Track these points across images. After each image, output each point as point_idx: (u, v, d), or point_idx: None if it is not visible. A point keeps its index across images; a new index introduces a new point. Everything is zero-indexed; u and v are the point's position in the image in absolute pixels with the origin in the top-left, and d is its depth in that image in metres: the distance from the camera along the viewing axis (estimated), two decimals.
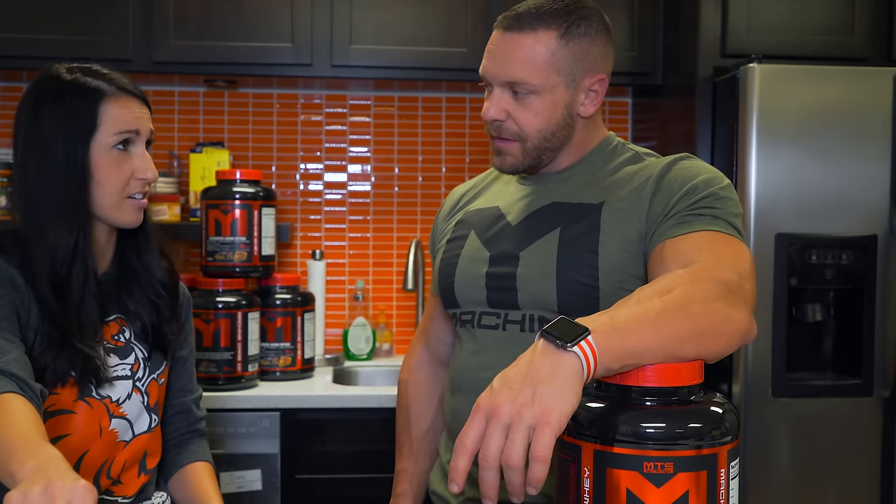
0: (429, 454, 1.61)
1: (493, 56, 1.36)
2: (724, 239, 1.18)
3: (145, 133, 1.40)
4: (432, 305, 1.63)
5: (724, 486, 0.86)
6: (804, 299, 2.34)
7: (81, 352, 1.32)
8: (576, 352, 0.85)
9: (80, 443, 1.35)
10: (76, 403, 1.35)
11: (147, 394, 1.45)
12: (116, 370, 1.40)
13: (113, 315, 1.43)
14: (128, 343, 1.44)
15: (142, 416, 1.44)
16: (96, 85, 1.38)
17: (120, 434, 1.41)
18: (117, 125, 1.36)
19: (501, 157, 1.39)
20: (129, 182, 1.37)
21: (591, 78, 1.37)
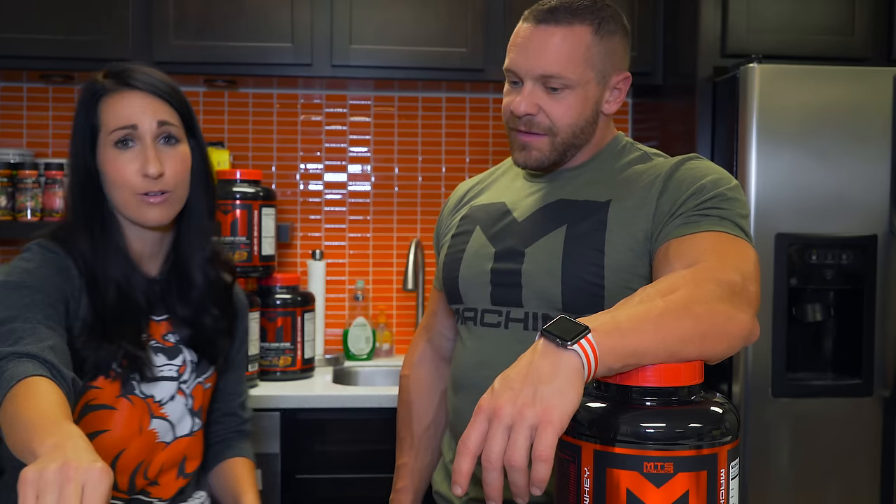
0: (430, 450, 1.61)
1: (524, 49, 1.34)
2: (729, 240, 1.18)
3: (147, 126, 1.33)
4: (435, 301, 1.63)
5: (724, 486, 0.86)
6: (804, 299, 2.34)
7: (124, 346, 1.32)
8: (576, 350, 0.85)
9: (119, 440, 1.35)
10: (118, 400, 1.34)
11: (192, 397, 1.43)
12: (163, 370, 1.39)
13: (164, 315, 1.42)
14: (177, 345, 1.42)
15: (184, 419, 1.42)
16: (98, 84, 1.35)
17: (160, 435, 1.39)
18: (111, 122, 1.33)
19: (526, 151, 1.37)
20: (139, 180, 1.33)
21: (618, 76, 1.38)
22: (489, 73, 2.71)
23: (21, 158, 2.78)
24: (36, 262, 1.29)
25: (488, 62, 2.70)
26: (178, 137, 1.36)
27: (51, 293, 1.25)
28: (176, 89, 1.38)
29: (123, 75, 1.35)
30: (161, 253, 1.42)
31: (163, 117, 1.34)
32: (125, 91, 1.34)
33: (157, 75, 1.37)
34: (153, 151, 1.32)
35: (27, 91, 2.95)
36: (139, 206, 1.33)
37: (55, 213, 2.69)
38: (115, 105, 1.33)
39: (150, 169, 1.31)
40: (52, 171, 2.69)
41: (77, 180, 1.36)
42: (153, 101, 1.34)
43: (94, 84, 1.36)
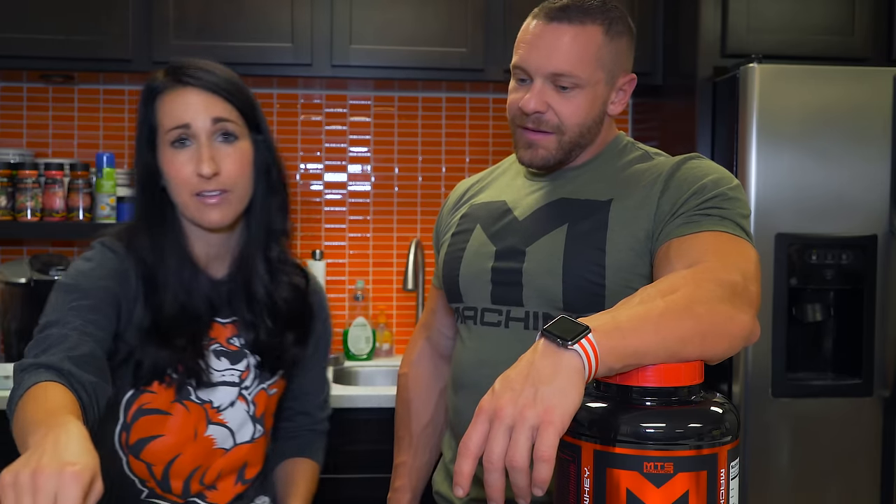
0: (428, 448, 1.61)
1: (534, 47, 1.34)
2: (730, 240, 1.18)
3: (201, 124, 1.28)
4: (434, 299, 1.63)
5: (724, 486, 0.86)
6: (804, 299, 2.34)
7: (180, 351, 1.29)
8: (577, 350, 0.85)
9: (172, 445, 1.32)
10: (173, 405, 1.32)
11: (254, 403, 1.38)
12: (224, 375, 1.35)
13: (231, 318, 1.38)
14: (242, 349, 1.38)
15: (245, 425, 1.38)
16: (156, 82, 1.31)
17: (218, 441, 1.35)
18: (167, 122, 1.29)
19: (533, 149, 1.37)
20: (195, 179, 1.28)
21: (624, 77, 1.39)
22: (489, 73, 2.71)
23: (21, 158, 2.78)
24: (93, 262, 1.28)
25: (488, 62, 2.70)
26: (237, 134, 1.30)
27: (99, 297, 1.23)
28: (235, 83, 1.32)
29: (178, 72, 1.30)
30: (228, 254, 1.38)
31: (218, 114, 1.29)
32: (179, 89, 1.29)
33: (214, 70, 1.31)
34: (208, 150, 1.27)
35: (27, 91, 2.95)
36: (198, 207, 1.29)
37: (55, 213, 2.69)
38: (170, 103, 1.29)
39: (203, 168, 1.26)
40: (52, 171, 2.69)
41: (139, 180, 1.33)
42: (208, 97, 1.29)
43: (152, 82, 1.32)
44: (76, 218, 2.71)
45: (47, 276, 2.66)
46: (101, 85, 2.95)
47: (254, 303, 1.37)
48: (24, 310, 2.64)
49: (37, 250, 2.91)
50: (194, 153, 1.27)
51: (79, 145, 2.97)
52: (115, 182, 2.75)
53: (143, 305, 1.29)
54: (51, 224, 2.69)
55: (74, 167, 2.72)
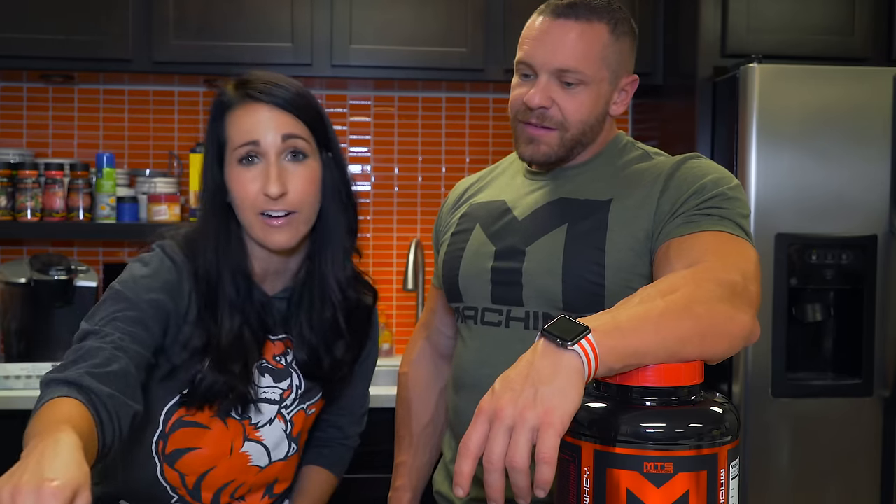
0: (428, 448, 1.61)
1: (540, 42, 1.33)
2: (730, 240, 1.18)
3: (271, 142, 1.24)
4: (434, 298, 1.63)
5: (724, 486, 0.86)
6: (804, 299, 2.34)
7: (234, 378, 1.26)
8: (576, 350, 0.85)
9: (208, 459, 1.31)
10: (212, 420, 1.30)
11: (292, 423, 1.37)
12: (266, 392, 1.33)
13: (280, 335, 1.35)
14: (287, 367, 1.35)
15: (282, 444, 1.36)
16: (225, 97, 1.28)
17: (253, 458, 1.34)
18: (236, 138, 1.25)
19: (534, 145, 1.37)
20: (261, 198, 1.24)
21: (627, 78, 1.39)
22: (489, 73, 2.71)
23: (21, 158, 2.78)
24: (149, 269, 1.24)
25: (488, 62, 2.70)
26: (306, 152, 1.27)
27: (147, 310, 1.20)
28: (306, 99, 1.28)
29: (248, 86, 1.26)
30: (286, 271, 1.35)
31: (288, 131, 1.25)
32: (249, 104, 1.25)
33: (284, 84, 1.27)
34: (276, 169, 1.23)
35: (27, 91, 2.95)
36: (263, 228, 1.25)
37: (55, 213, 2.69)
38: (239, 119, 1.25)
39: (270, 188, 1.22)
40: (52, 171, 2.69)
41: (206, 195, 1.30)
42: (278, 114, 1.25)
43: (222, 97, 1.28)
44: (76, 218, 2.71)
45: (47, 276, 2.66)
46: (101, 85, 2.95)
47: (320, 321, 1.34)
48: (24, 310, 2.64)
49: (37, 250, 2.91)
50: (262, 171, 1.24)
51: (79, 145, 2.97)
52: (114, 182, 2.75)
53: (195, 323, 1.26)
54: (51, 224, 2.69)
55: (74, 167, 2.72)
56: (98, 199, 2.74)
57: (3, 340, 2.73)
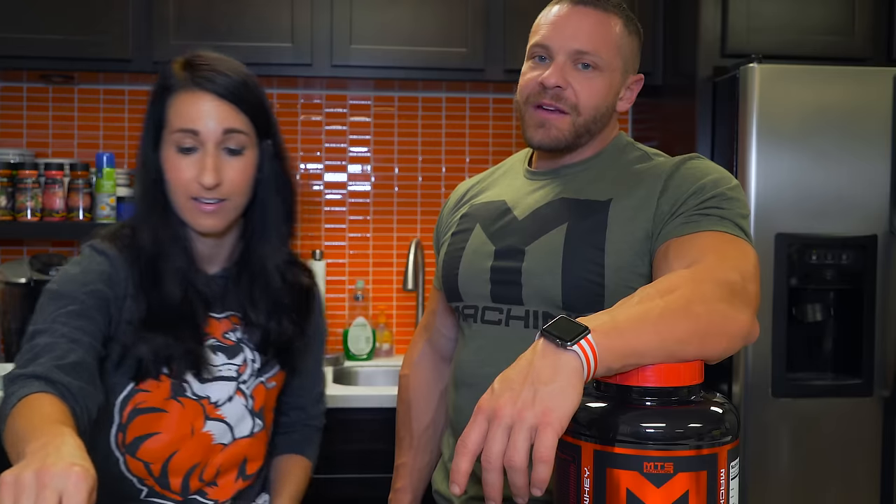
0: (429, 449, 1.61)
1: (559, 26, 1.37)
2: (729, 240, 1.18)
3: (211, 134, 1.26)
4: (435, 300, 1.63)
5: (724, 487, 0.86)
6: (804, 299, 2.34)
7: (179, 338, 1.29)
8: (576, 351, 0.85)
9: (169, 442, 1.31)
10: (168, 402, 1.31)
11: (252, 397, 1.38)
12: (221, 370, 1.35)
13: (226, 312, 1.38)
14: (238, 343, 1.38)
15: (244, 420, 1.37)
16: (172, 78, 1.29)
17: (216, 437, 1.35)
18: (176, 122, 1.27)
19: (545, 129, 1.37)
20: (194, 185, 1.27)
21: (634, 76, 1.43)
22: (489, 73, 2.71)
23: (21, 158, 2.78)
24: (81, 266, 1.27)
25: (488, 62, 2.70)
26: (245, 145, 1.30)
27: (88, 302, 1.23)
28: (250, 89, 1.31)
29: (194, 72, 1.28)
30: (222, 254, 1.39)
31: (230, 125, 1.27)
32: (193, 91, 1.27)
33: (231, 72, 1.30)
34: (212, 160, 1.26)
35: (27, 91, 2.95)
36: (192, 211, 1.29)
37: (55, 213, 2.69)
38: (182, 105, 1.27)
39: (205, 179, 1.25)
40: (52, 171, 2.69)
41: (141, 172, 1.33)
42: (221, 105, 1.27)
43: (167, 79, 1.29)
44: (76, 218, 2.71)
45: (47, 276, 2.66)
46: (101, 85, 2.95)
47: (262, 301, 1.37)
48: (24, 310, 2.64)
49: (37, 250, 2.91)
50: (199, 160, 1.26)
51: (79, 145, 2.97)
52: (114, 182, 2.75)
53: (138, 299, 1.28)
54: (51, 224, 2.69)
55: (74, 167, 2.72)
56: (98, 199, 2.74)
57: (3, 340, 2.73)
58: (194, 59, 1.29)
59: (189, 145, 1.27)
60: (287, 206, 1.39)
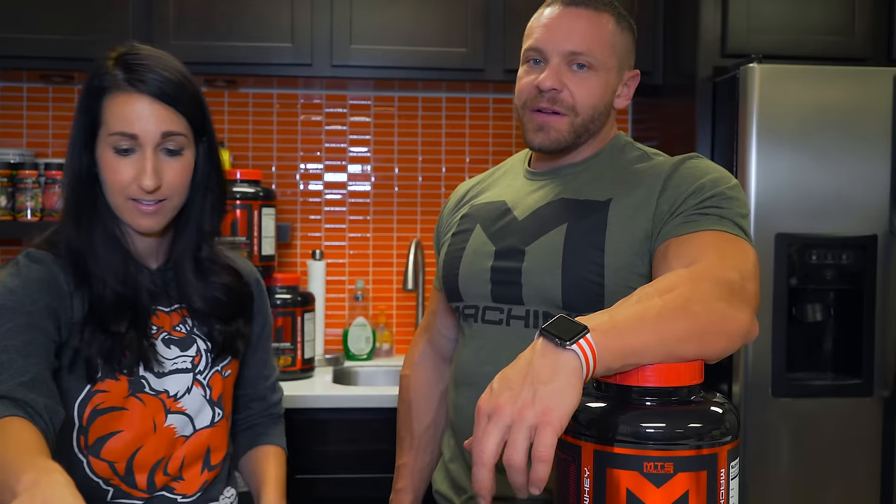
0: (430, 450, 1.61)
1: (553, 28, 1.37)
2: (728, 239, 1.18)
3: (150, 138, 1.25)
4: (436, 300, 1.63)
5: (724, 486, 0.86)
6: (804, 299, 2.34)
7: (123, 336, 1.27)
8: (575, 350, 0.85)
9: (132, 440, 1.30)
10: (127, 400, 1.30)
11: (209, 387, 1.38)
12: (176, 362, 1.34)
13: (174, 305, 1.37)
14: (189, 334, 1.37)
15: (203, 410, 1.37)
16: (106, 78, 1.26)
17: (178, 429, 1.34)
18: (112, 124, 1.25)
19: (544, 132, 1.38)
20: (133, 187, 1.26)
21: (630, 72, 1.43)
22: (489, 73, 2.71)
23: (21, 158, 2.78)
24: (20, 278, 1.25)
25: (488, 62, 2.70)
26: (183, 146, 1.29)
27: (33, 313, 1.21)
28: (187, 89, 1.29)
29: (133, 71, 1.25)
30: (161, 248, 1.38)
31: (168, 128, 1.26)
32: (130, 93, 1.24)
33: (167, 71, 1.27)
34: (151, 163, 1.25)
35: (27, 91, 2.95)
36: (131, 212, 1.28)
37: (55, 213, 2.69)
38: (119, 107, 1.25)
39: (145, 182, 1.24)
40: (52, 171, 2.69)
41: (71, 171, 1.31)
42: (160, 108, 1.25)
43: (101, 78, 1.26)
44: None
45: None
46: None
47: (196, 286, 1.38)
48: None
49: None
50: (137, 162, 1.25)
51: None
52: None
53: (77, 300, 1.27)
54: (51, 224, 2.67)
55: None
56: None
57: None
58: (129, 58, 1.26)
59: (126, 146, 1.25)
60: (215, 205, 1.38)
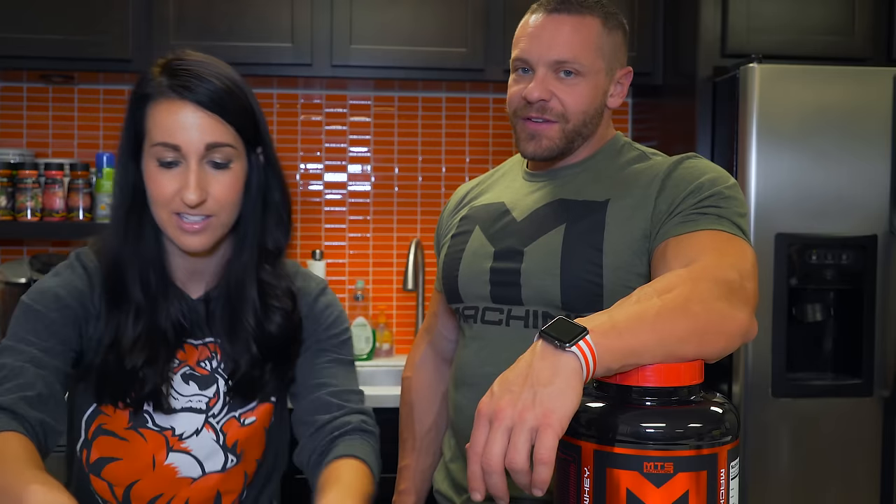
0: (432, 451, 1.61)
1: (537, 37, 1.36)
2: (727, 238, 1.18)
3: (193, 149, 1.15)
4: (436, 302, 1.63)
5: (724, 486, 0.86)
6: (804, 299, 2.34)
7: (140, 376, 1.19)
8: (574, 352, 0.85)
9: (130, 471, 1.23)
10: (127, 432, 1.22)
11: (223, 433, 1.25)
12: (191, 401, 1.24)
13: (205, 339, 1.27)
14: (213, 372, 1.26)
15: (215, 455, 1.25)
16: (151, 84, 1.18)
17: (181, 470, 1.24)
18: (156, 134, 1.16)
19: (536, 140, 1.38)
20: (177, 200, 1.16)
21: (621, 70, 1.42)
22: (489, 73, 2.71)
23: (21, 158, 2.78)
24: (60, 278, 1.22)
25: (488, 62, 2.70)
26: (231, 158, 1.18)
27: (57, 320, 1.18)
28: (236, 96, 1.18)
29: (177, 77, 1.16)
30: (207, 273, 1.27)
31: (213, 139, 1.16)
32: (174, 100, 1.15)
33: (215, 77, 1.17)
34: (195, 176, 1.15)
35: (27, 91, 2.95)
36: (176, 229, 1.18)
37: (55, 213, 2.69)
38: (162, 115, 1.16)
39: (188, 196, 1.14)
40: (52, 171, 2.69)
41: (118, 184, 1.23)
42: (203, 116, 1.15)
43: (145, 85, 1.18)
44: (76, 218, 2.71)
45: None
46: (101, 85, 2.95)
47: (239, 329, 1.24)
48: None
49: (37, 250, 2.91)
50: (181, 175, 1.16)
51: (79, 145, 2.97)
52: None
53: (106, 322, 1.21)
54: (51, 224, 2.69)
55: (74, 167, 2.72)
56: (98, 199, 2.74)
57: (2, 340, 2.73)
58: (175, 64, 1.18)
59: (170, 159, 1.16)
60: (279, 221, 1.28)
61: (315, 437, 1.27)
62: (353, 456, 1.21)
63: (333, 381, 1.30)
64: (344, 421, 1.27)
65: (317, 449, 1.26)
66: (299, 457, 1.29)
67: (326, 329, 1.33)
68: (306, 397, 1.30)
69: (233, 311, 1.25)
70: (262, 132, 1.24)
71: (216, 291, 1.27)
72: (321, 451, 1.25)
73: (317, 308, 1.33)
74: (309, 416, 1.28)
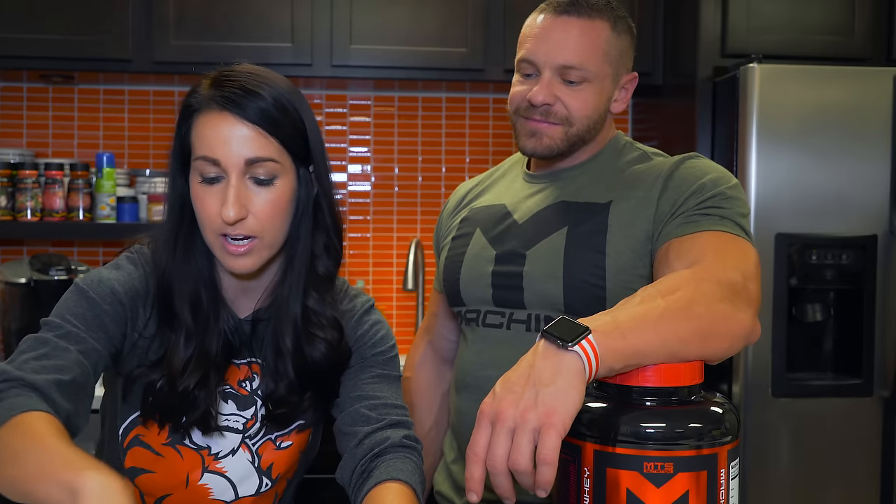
0: (432, 451, 1.61)
1: (544, 39, 1.34)
2: (729, 239, 1.18)
3: (233, 163, 1.10)
4: (436, 302, 1.63)
5: (724, 486, 0.86)
6: (804, 299, 2.34)
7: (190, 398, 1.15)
8: (577, 351, 0.85)
9: (162, 486, 1.20)
10: (164, 448, 1.19)
11: (258, 455, 1.22)
12: (228, 420, 1.21)
13: (248, 359, 1.23)
14: (252, 393, 1.22)
15: (250, 477, 1.22)
16: (196, 96, 1.14)
17: (215, 492, 1.21)
18: (198, 148, 1.12)
19: (537, 138, 1.36)
20: (216, 219, 1.12)
21: (627, 75, 1.40)
22: (489, 73, 2.71)
23: (21, 158, 2.78)
24: (119, 271, 1.18)
25: (488, 62, 2.70)
26: (276, 173, 1.13)
27: (108, 313, 1.14)
28: (285, 110, 1.13)
29: (221, 87, 1.12)
30: (257, 292, 1.23)
31: (254, 153, 1.10)
32: (217, 112, 1.11)
33: (264, 90, 1.12)
34: (234, 192, 1.10)
35: (27, 91, 2.95)
36: (222, 251, 1.13)
37: (55, 213, 2.69)
38: (204, 128, 1.11)
39: (227, 212, 1.09)
40: (52, 171, 2.69)
41: (168, 199, 1.19)
42: (246, 130, 1.10)
43: (192, 96, 1.15)
44: (76, 218, 2.71)
45: (47, 276, 2.65)
46: (101, 85, 2.95)
47: (280, 353, 1.20)
48: (24, 310, 2.64)
49: (37, 250, 2.91)
50: (223, 192, 1.11)
51: (79, 145, 2.97)
52: (114, 182, 2.75)
53: (154, 337, 1.18)
54: (51, 224, 2.69)
55: (74, 167, 2.72)
56: (98, 199, 2.74)
57: (3, 340, 2.73)
58: (223, 75, 1.14)
59: (212, 174, 1.11)
60: (328, 244, 1.22)
61: (356, 453, 1.21)
62: (395, 479, 1.15)
63: (375, 395, 1.26)
64: (384, 436, 1.21)
65: (357, 468, 1.21)
66: (341, 474, 1.25)
67: (372, 346, 1.29)
68: (346, 409, 1.25)
69: (275, 334, 1.21)
70: (313, 148, 1.19)
71: (264, 312, 1.24)
72: (362, 472, 1.20)
73: (362, 327, 1.29)
74: (348, 426, 1.24)
